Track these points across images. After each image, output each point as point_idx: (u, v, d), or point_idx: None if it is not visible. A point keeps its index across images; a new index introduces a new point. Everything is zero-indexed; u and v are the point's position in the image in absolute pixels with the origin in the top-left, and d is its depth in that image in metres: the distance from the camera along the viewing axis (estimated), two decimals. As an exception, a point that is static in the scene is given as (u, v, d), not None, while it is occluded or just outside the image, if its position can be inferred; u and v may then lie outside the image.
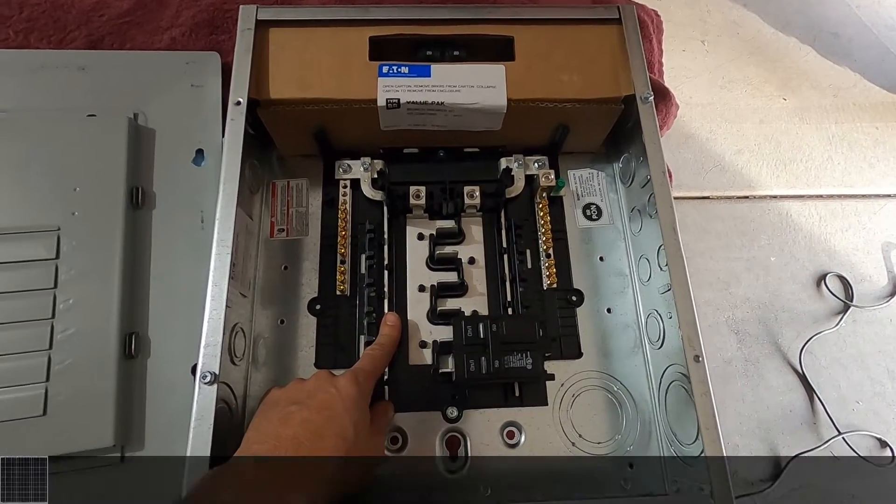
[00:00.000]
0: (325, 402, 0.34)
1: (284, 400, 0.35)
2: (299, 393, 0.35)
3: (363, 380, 0.37)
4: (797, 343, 0.90)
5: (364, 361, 0.39)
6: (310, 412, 0.33)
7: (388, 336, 0.42)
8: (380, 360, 0.40)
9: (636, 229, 0.46)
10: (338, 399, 0.34)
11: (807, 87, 1.16)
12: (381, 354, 0.40)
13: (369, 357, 0.39)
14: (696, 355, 0.35)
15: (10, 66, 0.47)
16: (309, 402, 0.34)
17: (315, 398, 0.34)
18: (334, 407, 0.34)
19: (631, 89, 0.43)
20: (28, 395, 0.38)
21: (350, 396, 0.35)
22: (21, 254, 0.41)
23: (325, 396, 0.34)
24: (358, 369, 0.38)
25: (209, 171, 0.47)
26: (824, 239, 0.99)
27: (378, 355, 0.40)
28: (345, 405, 0.34)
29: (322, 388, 0.35)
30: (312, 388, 0.35)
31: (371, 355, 0.40)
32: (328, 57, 0.43)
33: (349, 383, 0.35)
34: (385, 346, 0.41)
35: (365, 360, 0.39)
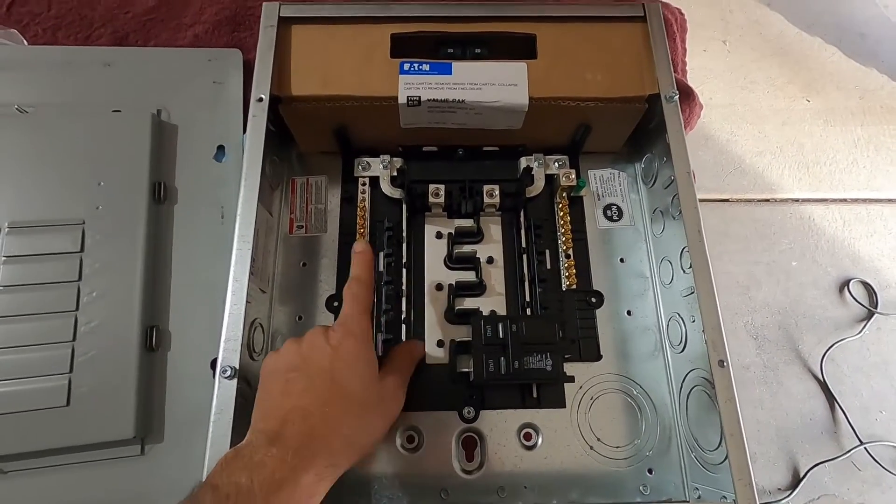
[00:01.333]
0: (322, 366, 0.32)
1: (283, 367, 0.33)
2: (295, 357, 0.33)
3: (356, 326, 0.34)
4: (818, 350, 0.88)
5: (348, 305, 0.35)
6: (310, 378, 0.32)
7: (361, 265, 0.38)
8: (363, 296, 0.36)
9: (658, 231, 0.45)
10: (336, 356, 0.32)
11: (832, 89, 1.13)
12: (360, 289, 0.36)
13: (351, 297, 0.36)
14: (721, 360, 0.35)
15: (38, 63, 0.48)
16: (306, 366, 0.32)
17: (312, 361, 0.32)
18: (334, 366, 0.32)
19: (655, 88, 0.42)
20: (52, 385, 0.39)
21: (348, 350, 0.32)
22: (47, 247, 0.42)
23: (321, 357, 0.32)
24: (346, 315, 0.35)
25: (230, 167, 0.47)
26: (848, 244, 0.97)
27: (359, 291, 0.36)
28: (345, 361, 0.32)
29: (317, 347, 0.33)
30: (307, 349, 0.33)
31: (353, 294, 0.36)
32: (350, 54, 0.43)
33: (344, 336, 0.33)
34: (361, 278, 0.37)
35: (348, 303, 0.35)
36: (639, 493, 0.39)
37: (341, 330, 0.34)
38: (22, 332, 0.40)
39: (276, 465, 0.28)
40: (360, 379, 0.32)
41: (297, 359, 0.33)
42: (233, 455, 0.30)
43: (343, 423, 0.31)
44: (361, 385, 0.32)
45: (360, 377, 0.32)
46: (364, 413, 0.32)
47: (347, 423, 0.31)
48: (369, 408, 0.32)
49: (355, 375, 0.32)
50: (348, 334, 0.33)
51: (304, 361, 0.33)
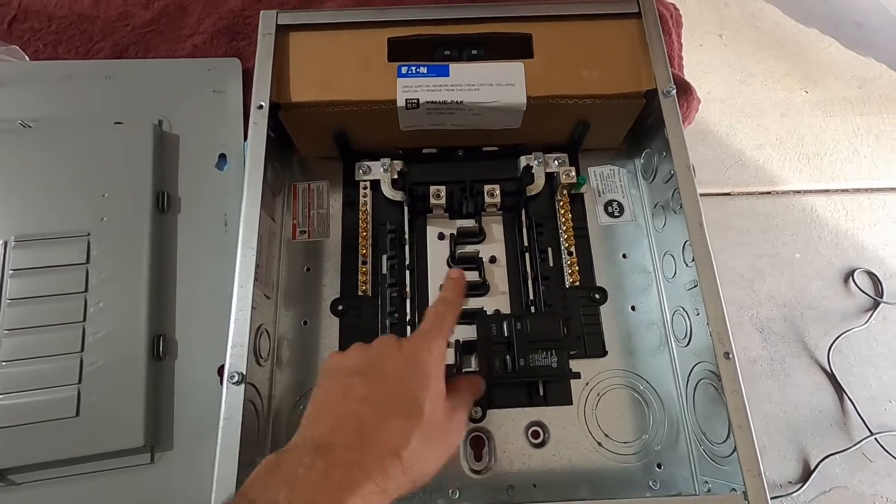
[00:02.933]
0: (391, 373, 0.28)
1: (346, 369, 0.30)
2: (361, 361, 0.30)
3: (433, 344, 0.30)
4: (825, 341, 0.87)
5: (428, 322, 0.32)
6: (374, 385, 0.28)
7: (454, 288, 0.35)
8: (447, 318, 0.32)
9: (659, 225, 0.45)
10: (407, 368, 0.29)
11: (830, 79, 1.13)
12: (446, 310, 0.33)
13: (433, 315, 0.32)
14: (727, 352, 0.35)
15: (40, 78, 0.49)
16: (372, 372, 0.29)
17: (379, 368, 0.29)
18: (402, 379, 0.28)
19: (652, 83, 0.42)
20: (62, 396, 0.39)
21: (422, 365, 0.29)
22: (53, 259, 0.42)
23: (390, 366, 0.29)
24: (425, 331, 0.31)
25: (232, 175, 0.48)
26: (851, 234, 0.97)
27: (444, 311, 0.32)
28: (417, 376, 0.28)
29: (387, 355, 0.29)
30: (376, 355, 0.30)
31: (436, 313, 0.32)
32: (347, 59, 0.43)
33: (418, 349, 0.29)
34: (450, 299, 0.34)
35: (429, 321, 0.32)
36: (648, 489, 0.39)
37: (417, 341, 0.30)
38: (30, 344, 0.40)
39: (320, 482, 0.24)
40: (431, 399, 0.28)
41: (364, 362, 0.30)
42: (274, 463, 0.26)
43: (402, 445, 0.26)
44: (431, 406, 0.28)
45: (431, 397, 0.28)
46: (429, 438, 0.27)
47: (406, 446, 0.26)
48: (434, 433, 0.28)
49: (426, 395, 0.28)
50: (423, 349, 0.30)
51: (370, 366, 0.29)
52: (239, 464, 0.33)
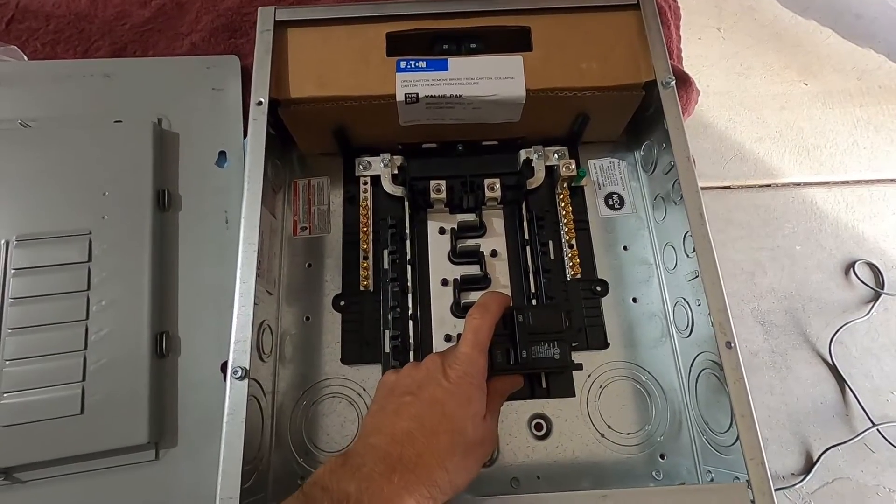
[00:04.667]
0: (436, 397, 0.32)
1: (399, 388, 0.34)
2: (411, 383, 0.33)
3: (473, 366, 0.33)
4: (826, 333, 0.88)
5: (467, 341, 0.34)
6: (422, 406, 0.32)
7: (494, 296, 0.37)
8: (484, 330, 0.35)
9: (660, 217, 0.45)
10: (451, 393, 0.32)
11: (829, 71, 1.13)
12: (483, 320, 0.35)
13: (472, 329, 0.35)
14: (728, 342, 0.35)
15: (39, 77, 0.49)
16: (420, 394, 0.32)
17: (426, 391, 0.33)
18: (446, 403, 0.32)
19: (651, 75, 0.42)
20: (66, 394, 0.40)
21: (464, 390, 0.32)
22: (55, 258, 0.42)
23: (435, 391, 0.32)
24: (464, 355, 0.34)
25: (232, 172, 0.48)
26: (852, 226, 0.97)
27: (481, 324, 0.35)
28: (459, 400, 0.32)
29: (433, 379, 0.33)
30: (423, 379, 0.33)
31: (474, 327, 0.35)
32: (346, 54, 0.43)
33: (461, 375, 0.33)
34: (488, 306, 0.36)
35: (468, 338, 0.34)
36: (652, 479, 0.39)
37: (459, 369, 0.33)
38: (34, 343, 0.40)
39: (384, 481, 0.29)
40: (472, 420, 0.32)
41: (413, 385, 0.33)
42: (341, 461, 0.30)
43: (447, 458, 0.31)
44: (472, 425, 0.32)
45: (471, 418, 0.32)
46: (468, 453, 0.32)
47: (451, 459, 0.31)
48: (473, 448, 0.32)
49: (467, 416, 0.32)
50: (465, 375, 0.33)
51: (419, 388, 0.33)
52: (243, 459, 0.33)
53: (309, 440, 0.41)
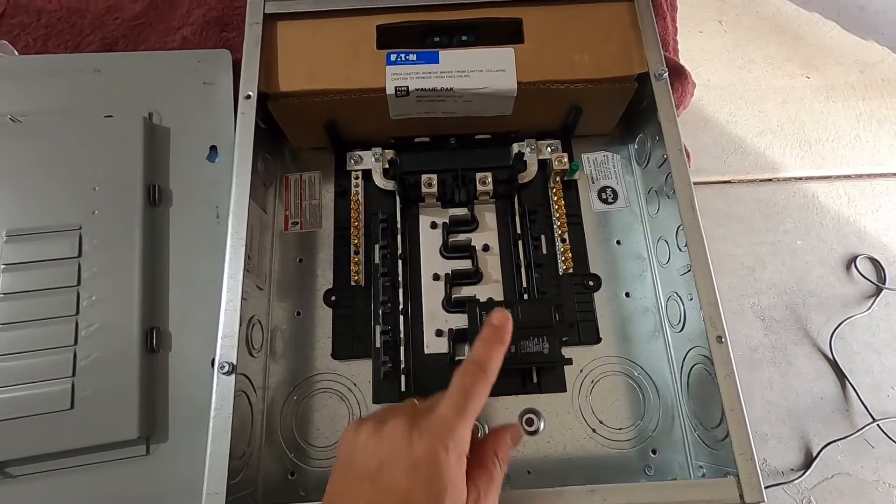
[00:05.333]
0: (400, 485, 0.25)
1: (356, 465, 0.27)
2: (370, 460, 0.27)
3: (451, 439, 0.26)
4: (827, 328, 0.87)
5: (449, 403, 0.27)
6: (382, 499, 0.25)
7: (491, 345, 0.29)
8: (475, 393, 0.27)
9: (653, 211, 0.45)
10: (416, 479, 0.25)
11: (831, 64, 1.12)
12: (476, 382, 0.28)
13: (461, 390, 0.27)
14: (719, 336, 0.34)
15: (29, 72, 0.48)
16: (379, 482, 0.26)
17: (386, 477, 0.26)
18: (412, 493, 0.25)
19: (644, 67, 0.42)
20: (56, 389, 0.39)
21: (433, 473, 0.25)
22: (45, 253, 0.42)
23: (398, 476, 0.25)
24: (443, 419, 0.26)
25: (223, 167, 0.47)
26: (854, 220, 0.96)
27: (472, 385, 0.28)
28: (427, 490, 0.25)
29: (395, 459, 0.26)
30: (385, 456, 0.26)
31: (463, 387, 0.28)
32: (336, 47, 0.43)
33: (431, 450, 0.25)
34: (482, 363, 0.28)
35: (452, 401, 0.27)
36: (643, 474, 0.39)
37: (429, 444, 0.26)
38: (24, 339, 0.40)
39: None
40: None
41: (373, 464, 0.26)
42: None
43: None
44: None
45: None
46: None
47: None
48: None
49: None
50: (438, 453, 0.25)
51: (378, 471, 0.26)
52: (231, 454, 0.33)
53: (300, 436, 0.41)
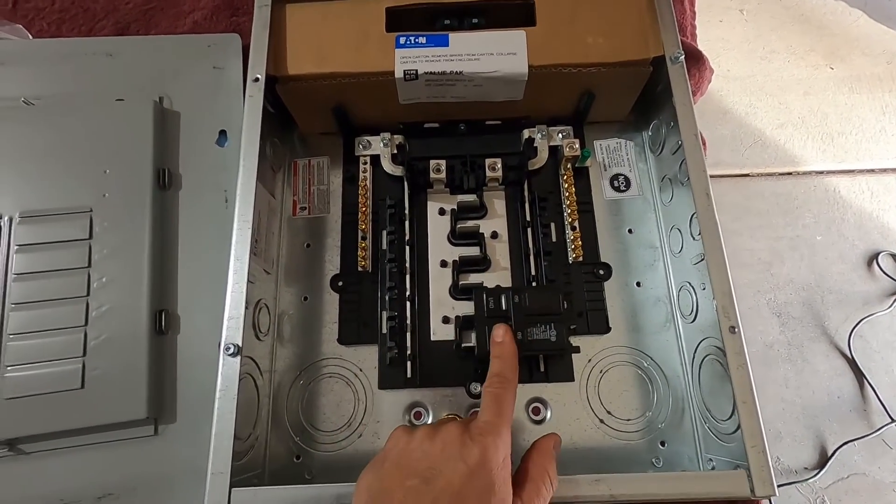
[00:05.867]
0: (454, 484, 0.27)
1: (408, 465, 0.28)
2: (423, 459, 0.28)
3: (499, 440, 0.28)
4: (846, 326, 0.85)
5: (489, 410, 0.30)
6: (434, 496, 0.26)
7: (504, 359, 0.33)
8: (506, 399, 0.31)
9: (667, 199, 0.43)
10: (471, 480, 0.27)
11: (857, 55, 1.08)
12: (504, 390, 0.31)
13: (492, 399, 0.31)
14: (732, 326, 0.33)
15: (42, 56, 0.49)
16: (433, 481, 0.27)
17: (441, 476, 0.27)
18: (464, 493, 0.26)
19: (660, 50, 0.40)
20: (67, 369, 0.40)
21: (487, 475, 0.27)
22: (57, 234, 0.43)
23: (452, 475, 0.27)
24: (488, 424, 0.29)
25: (232, 152, 0.47)
26: (876, 216, 0.93)
27: (501, 393, 0.31)
28: (480, 490, 0.27)
29: (450, 459, 0.28)
30: (438, 457, 0.28)
31: (494, 396, 0.31)
32: (345, 30, 0.42)
33: (484, 453, 0.28)
34: (505, 375, 0.32)
35: (489, 408, 0.30)
36: (651, 466, 0.38)
37: (482, 444, 0.28)
38: (36, 319, 0.41)
39: None
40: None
41: (426, 463, 0.28)
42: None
43: None
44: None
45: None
46: None
47: None
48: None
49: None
50: (489, 453, 0.28)
51: (431, 470, 0.27)
52: (236, 435, 0.34)
53: (306, 419, 0.41)
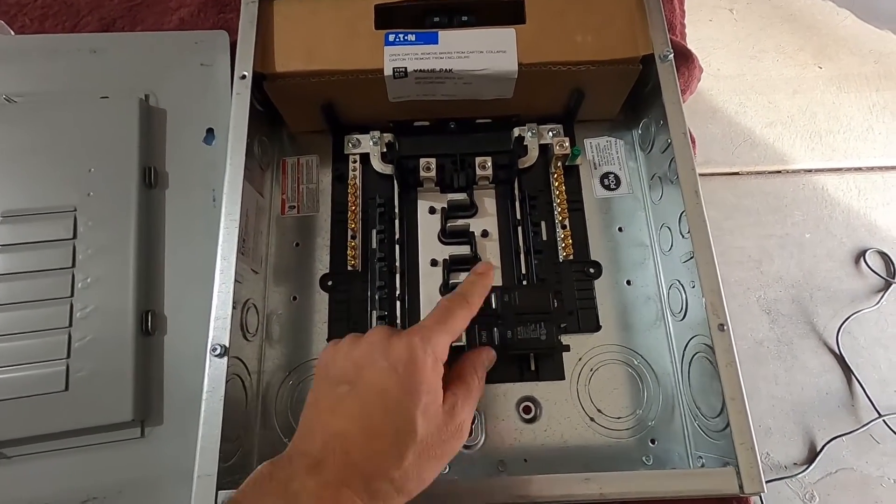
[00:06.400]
0: (376, 385, 0.26)
1: (334, 372, 0.28)
2: (348, 365, 0.28)
3: (429, 343, 0.27)
4: (834, 323, 0.86)
5: (432, 317, 0.29)
6: (359, 399, 0.26)
7: (475, 285, 0.31)
8: (456, 313, 0.29)
9: (657, 197, 0.44)
10: (394, 378, 0.26)
11: (845, 54, 1.09)
12: (458, 307, 0.30)
13: (442, 310, 0.29)
14: (721, 324, 0.33)
15: (25, 52, 0.48)
16: (359, 382, 0.27)
17: (365, 377, 0.27)
18: (390, 391, 0.26)
19: (649, 49, 0.40)
20: (50, 371, 0.39)
21: (411, 373, 0.26)
22: (40, 234, 0.42)
23: (376, 375, 0.27)
24: (423, 327, 0.28)
25: (220, 150, 0.47)
26: (864, 213, 0.94)
27: (454, 308, 0.29)
28: (405, 387, 0.26)
29: (374, 360, 0.27)
30: (362, 359, 0.28)
31: (445, 307, 0.29)
32: (333, 27, 0.42)
33: (409, 352, 0.27)
34: (467, 297, 0.31)
35: (434, 315, 0.29)
36: (641, 464, 0.38)
37: (408, 342, 0.27)
38: (19, 320, 0.40)
39: (312, 500, 0.25)
40: (422, 413, 0.26)
41: (351, 368, 0.28)
42: (268, 474, 0.26)
43: (392, 466, 0.25)
44: (424, 420, 0.26)
45: (421, 410, 0.26)
46: (424, 452, 0.26)
47: (398, 466, 0.25)
48: (429, 448, 0.26)
49: (415, 407, 0.26)
50: (416, 351, 0.27)
51: (357, 374, 0.27)
52: (223, 437, 0.33)
53: (295, 420, 0.41)
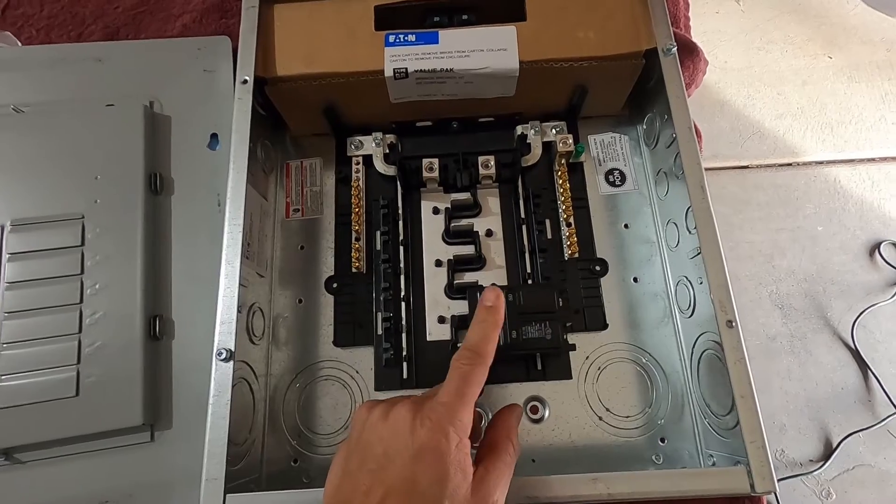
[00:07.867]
0: (403, 474, 0.26)
1: (361, 451, 0.28)
2: (377, 445, 0.27)
3: (452, 425, 0.27)
4: (849, 317, 0.84)
5: (449, 389, 0.28)
6: (386, 489, 0.26)
7: (486, 328, 0.30)
8: (474, 378, 0.29)
9: (662, 193, 0.43)
10: (420, 463, 0.26)
11: (855, 43, 1.07)
12: (474, 367, 0.29)
13: (458, 377, 0.28)
14: (729, 320, 0.33)
15: (31, 62, 0.48)
16: (386, 468, 0.26)
17: (392, 463, 0.26)
18: (417, 478, 0.25)
19: (652, 43, 0.40)
20: (61, 377, 0.40)
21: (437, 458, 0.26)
22: (49, 242, 0.42)
23: (402, 464, 0.26)
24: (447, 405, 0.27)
25: (224, 155, 0.47)
26: (878, 205, 0.93)
27: (470, 371, 0.29)
28: (431, 474, 0.25)
29: (400, 444, 0.26)
30: (389, 440, 0.27)
31: (461, 374, 0.28)
32: (333, 30, 0.42)
33: (433, 434, 0.26)
34: (479, 350, 0.29)
35: (451, 386, 0.28)
36: (651, 463, 0.38)
37: (431, 427, 0.26)
38: (30, 327, 0.41)
39: None
40: (450, 499, 0.25)
41: (378, 450, 0.27)
42: None
43: None
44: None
45: (448, 497, 0.25)
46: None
47: None
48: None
49: (442, 495, 0.25)
50: (440, 440, 0.26)
51: (384, 456, 0.27)
52: (230, 440, 0.33)
53: (302, 423, 0.41)
